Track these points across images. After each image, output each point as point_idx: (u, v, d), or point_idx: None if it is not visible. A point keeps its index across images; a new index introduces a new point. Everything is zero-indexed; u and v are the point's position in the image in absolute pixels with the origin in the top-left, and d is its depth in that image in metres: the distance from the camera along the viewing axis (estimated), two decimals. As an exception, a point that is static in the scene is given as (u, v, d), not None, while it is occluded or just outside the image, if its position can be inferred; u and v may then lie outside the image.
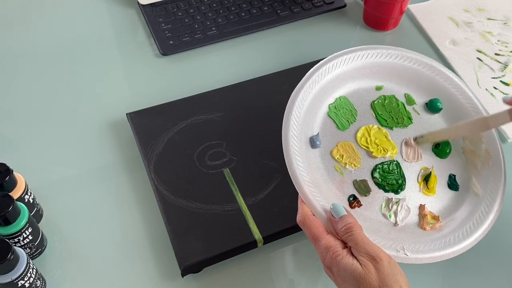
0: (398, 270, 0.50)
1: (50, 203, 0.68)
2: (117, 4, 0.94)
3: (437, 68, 0.68)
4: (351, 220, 0.53)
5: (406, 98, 0.68)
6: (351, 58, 0.66)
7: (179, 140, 0.72)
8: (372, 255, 0.50)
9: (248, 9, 0.92)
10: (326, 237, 0.53)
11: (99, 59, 0.85)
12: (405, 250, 0.56)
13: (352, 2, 0.96)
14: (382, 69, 0.68)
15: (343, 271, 0.50)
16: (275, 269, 0.65)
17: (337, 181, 0.61)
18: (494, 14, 0.94)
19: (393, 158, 0.64)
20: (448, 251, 0.58)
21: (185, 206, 0.66)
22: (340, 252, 0.51)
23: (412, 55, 0.68)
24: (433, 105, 0.68)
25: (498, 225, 0.63)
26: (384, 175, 0.63)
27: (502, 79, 0.84)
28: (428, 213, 0.61)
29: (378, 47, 0.68)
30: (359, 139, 0.64)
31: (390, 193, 0.62)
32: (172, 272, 0.63)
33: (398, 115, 0.67)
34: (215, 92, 0.78)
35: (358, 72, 0.67)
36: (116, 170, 0.72)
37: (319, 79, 0.65)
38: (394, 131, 0.66)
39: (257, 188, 0.68)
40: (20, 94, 0.80)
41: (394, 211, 0.61)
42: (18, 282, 0.56)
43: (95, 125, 0.76)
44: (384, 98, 0.67)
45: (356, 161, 0.63)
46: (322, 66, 0.65)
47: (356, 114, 0.66)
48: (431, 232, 0.60)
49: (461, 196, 0.63)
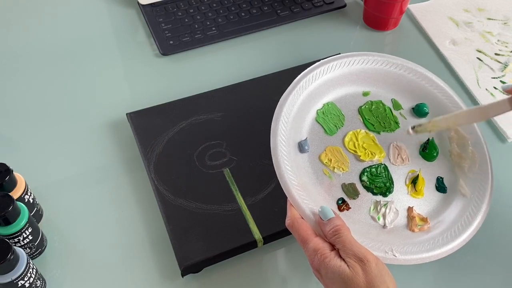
0: (385, 271, 0.51)
1: (50, 203, 0.68)
2: (117, 4, 0.94)
3: (423, 74, 0.69)
4: (339, 222, 0.54)
5: (393, 103, 0.69)
6: (338, 65, 0.67)
7: (179, 140, 0.72)
8: (359, 257, 0.50)
9: (248, 9, 0.92)
10: (314, 239, 0.53)
11: (99, 59, 0.85)
12: (393, 251, 0.57)
13: (352, 2, 0.96)
14: (368, 75, 0.69)
15: (331, 273, 0.50)
16: (275, 269, 0.65)
17: (326, 185, 0.62)
18: (494, 14, 0.94)
19: (380, 162, 0.65)
20: (437, 252, 0.58)
21: (185, 206, 0.66)
22: (328, 254, 0.52)
23: (398, 61, 0.69)
24: (420, 109, 0.69)
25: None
26: (372, 178, 0.63)
27: (502, 79, 0.84)
28: (417, 215, 0.62)
29: (365, 54, 0.69)
30: (347, 144, 0.65)
31: (379, 196, 0.63)
32: (172, 272, 0.63)
33: (385, 119, 0.68)
34: (215, 92, 0.78)
35: (345, 78, 0.68)
36: (116, 170, 0.72)
37: (307, 85, 0.66)
38: (381, 135, 0.67)
39: (257, 188, 0.68)
40: (20, 94, 0.80)
41: (382, 214, 0.61)
42: (18, 282, 0.56)
43: (95, 125, 0.76)
44: (371, 104, 0.68)
45: (344, 165, 0.64)
46: (310, 72, 0.66)
47: (343, 119, 0.67)
48: (419, 233, 0.61)
49: (449, 198, 0.64)
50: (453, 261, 0.62)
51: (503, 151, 0.76)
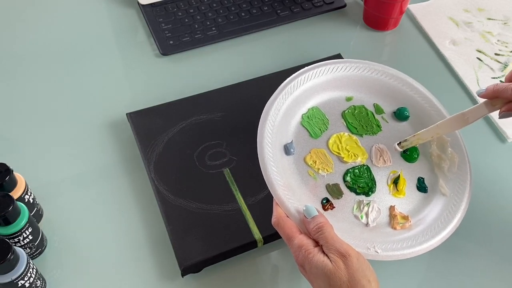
0: (366, 265, 0.53)
1: (50, 203, 0.68)
2: (117, 4, 0.94)
3: (404, 79, 0.72)
4: (322, 220, 0.56)
5: (375, 107, 0.71)
6: (322, 71, 0.70)
7: (179, 140, 0.72)
8: (341, 252, 0.52)
9: (248, 9, 0.92)
10: (299, 236, 0.55)
11: (99, 59, 0.85)
12: (376, 248, 0.59)
13: (352, 2, 0.96)
14: (351, 81, 0.71)
15: (315, 268, 0.52)
16: (275, 269, 0.65)
17: (311, 185, 0.64)
18: (494, 14, 0.94)
19: (363, 163, 0.66)
20: (418, 249, 0.60)
21: (185, 206, 0.66)
22: (312, 250, 0.54)
23: (379, 67, 0.72)
24: (401, 113, 0.71)
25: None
26: (355, 179, 0.65)
27: (502, 79, 0.84)
28: (398, 213, 0.64)
29: (347, 61, 0.71)
30: (331, 146, 0.67)
31: (362, 195, 0.64)
32: (172, 272, 0.63)
33: (368, 123, 0.70)
34: (215, 92, 0.78)
35: (329, 84, 0.70)
36: (116, 170, 0.72)
37: (292, 91, 0.68)
38: (364, 138, 0.69)
39: (257, 188, 0.68)
40: (20, 94, 0.80)
41: (365, 212, 0.63)
42: (18, 282, 0.56)
43: (95, 125, 0.76)
44: (354, 108, 0.70)
45: (329, 166, 0.65)
46: (295, 78, 0.68)
47: (328, 123, 0.69)
48: (401, 231, 0.62)
49: (429, 197, 0.66)
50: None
51: (503, 151, 0.76)
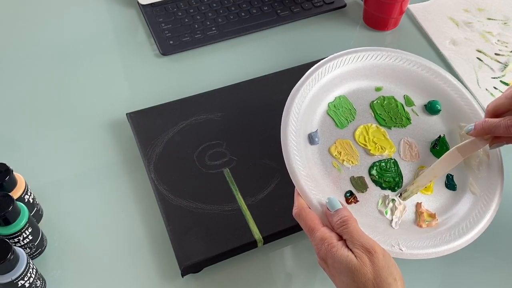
0: (392, 263, 0.51)
1: (50, 203, 0.68)
2: (117, 4, 0.94)
3: (436, 71, 0.69)
4: (346, 214, 0.54)
5: (405, 99, 0.69)
6: (351, 59, 0.68)
7: (179, 140, 0.72)
8: (367, 248, 0.51)
9: (248, 9, 0.92)
10: (322, 229, 0.54)
11: (99, 59, 0.85)
12: (400, 245, 0.57)
13: (352, 2, 0.96)
14: (381, 71, 0.69)
15: (338, 263, 0.50)
16: (275, 269, 0.65)
17: (335, 177, 0.62)
18: (494, 14, 0.94)
19: (390, 157, 0.65)
20: (443, 248, 0.59)
21: (185, 206, 0.66)
22: (335, 243, 0.52)
23: (412, 57, 0.69)
24: (432, 106, 0.69)
25: (499, 223, 0.63)
26: (381, 172, 0.63)
27: (502, 79, 0.84)
28: (425, 211, 0.62)
29: (378, 49, 0.69)
30: (357, 137, 0.65)
31: (387, 190, 0.63)
32: (172, 272, 0.63)
33: (397, 115, 0.68)
34: (215, 92, 0.78)
35: (358, 72, 0.68)
36: (116, 170, 0.72)
37: (319, 78, 0.66)
38: (392, 130, 0.67)
39: (257, 188, 0.68)
40: (20, 94, 0.80)
41: (390, 208, 0.61)
42: (18, 282, 0.56)
43: (95, 125, 0.76)
44: (383, 99, 0.68)
45: (354, 158, 0.64)
46: (323, 65, 0.66)
47: (355, 113, 0.67)
48: (427, 229, 0.61)
49: (458, 195, 0.64)
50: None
51: (501, 151, 0.76)
